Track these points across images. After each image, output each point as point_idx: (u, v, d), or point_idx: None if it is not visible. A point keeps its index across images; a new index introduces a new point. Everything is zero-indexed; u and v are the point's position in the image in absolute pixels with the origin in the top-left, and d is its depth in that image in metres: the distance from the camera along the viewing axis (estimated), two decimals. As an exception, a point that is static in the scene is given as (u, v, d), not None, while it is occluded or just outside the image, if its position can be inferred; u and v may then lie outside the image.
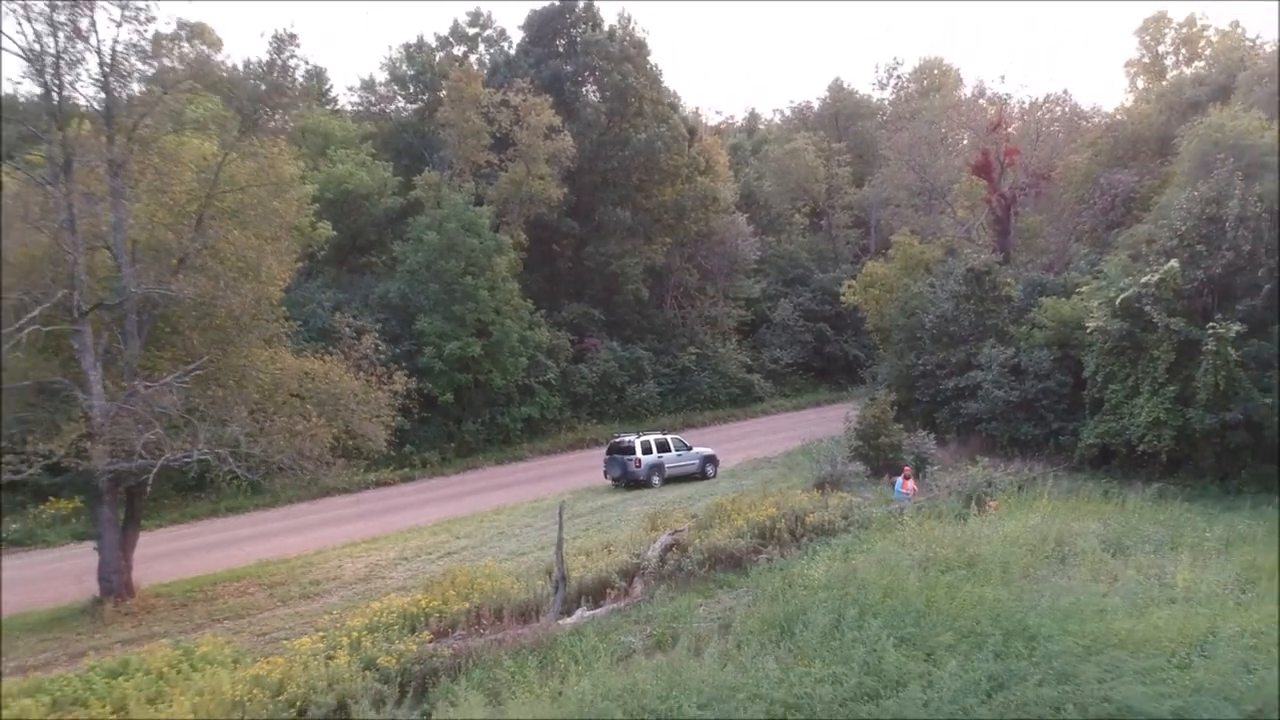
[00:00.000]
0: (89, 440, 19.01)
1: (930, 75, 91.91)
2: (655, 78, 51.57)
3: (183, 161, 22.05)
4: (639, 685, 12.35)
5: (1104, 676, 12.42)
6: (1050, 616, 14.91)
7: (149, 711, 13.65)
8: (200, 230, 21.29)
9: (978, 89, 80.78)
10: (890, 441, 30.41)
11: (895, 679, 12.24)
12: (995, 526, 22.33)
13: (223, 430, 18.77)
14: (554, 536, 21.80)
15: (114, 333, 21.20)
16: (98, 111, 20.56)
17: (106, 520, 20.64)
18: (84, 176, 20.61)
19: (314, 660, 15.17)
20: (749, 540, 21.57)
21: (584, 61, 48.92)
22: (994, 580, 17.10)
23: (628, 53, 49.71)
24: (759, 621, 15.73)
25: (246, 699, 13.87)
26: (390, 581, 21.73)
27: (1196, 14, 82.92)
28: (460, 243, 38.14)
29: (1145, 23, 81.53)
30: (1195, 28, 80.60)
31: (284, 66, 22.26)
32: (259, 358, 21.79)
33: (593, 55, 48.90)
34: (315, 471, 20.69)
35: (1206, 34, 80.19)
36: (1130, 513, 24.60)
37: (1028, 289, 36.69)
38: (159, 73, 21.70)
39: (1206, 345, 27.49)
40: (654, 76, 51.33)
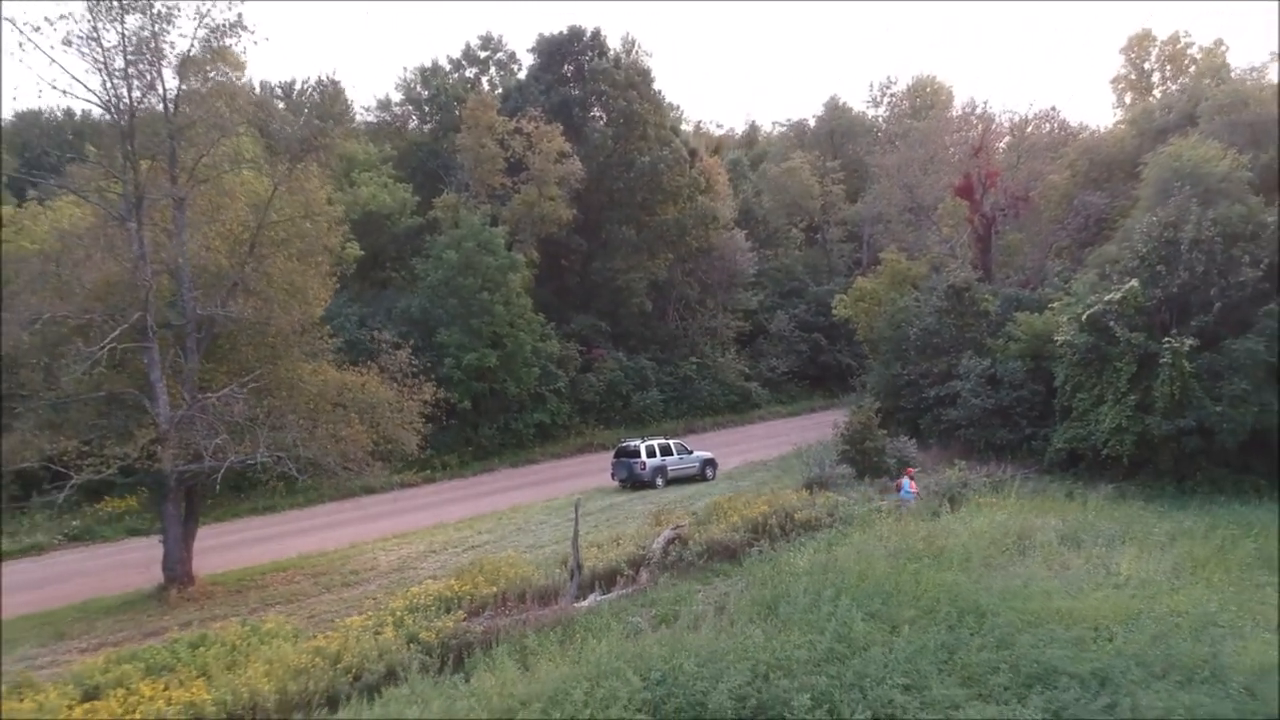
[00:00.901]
0: (158, 445, 21.15)
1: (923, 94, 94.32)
2: (658, 103, 53.72)
3: (235, 195, 24.25)
4: (646, 651, 14.43)
5: (1037, 644, 14.46)
6: (1000, 597, 16.97)
7: (227, 676, 15.72)
8: (252, 257, 23.43)
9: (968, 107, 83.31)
10: (875, 446, 32.41)
11: (861, 645, 14.31)
12: (964, 522, 24.39)
13: (281, 435, 20.86)
14: (567, 532, 23.92)
15: (176, 349, 23.27)
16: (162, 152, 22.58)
17: (171, 516, 22.72)
18: (150, 210, 22.76)
19: (364, 635, 17.24)
20: (743, 534, 23.57)
21: (591, 88, 51.00)
22: (956, 568, 19.16)
23: (632, 79, 51.84)
24: (749, 603, 17.80)
25: (310, 666, 15.93)
26: (422, 571, 23.77)
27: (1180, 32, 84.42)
28: (477, 261, 40.25)
29: (1130, 41, 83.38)
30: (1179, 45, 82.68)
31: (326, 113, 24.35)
32: (304, 370, 23.89)
33: (599, 82, 51.01)
34: (357, 472, 22.77)
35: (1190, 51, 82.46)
36: (1090, 511, 26.58)
37: (1004, 304, 38.74)
38: (189, 94, 23.29)
39: (1163, 358, 29.43)
40: (657, 102, 53.47)
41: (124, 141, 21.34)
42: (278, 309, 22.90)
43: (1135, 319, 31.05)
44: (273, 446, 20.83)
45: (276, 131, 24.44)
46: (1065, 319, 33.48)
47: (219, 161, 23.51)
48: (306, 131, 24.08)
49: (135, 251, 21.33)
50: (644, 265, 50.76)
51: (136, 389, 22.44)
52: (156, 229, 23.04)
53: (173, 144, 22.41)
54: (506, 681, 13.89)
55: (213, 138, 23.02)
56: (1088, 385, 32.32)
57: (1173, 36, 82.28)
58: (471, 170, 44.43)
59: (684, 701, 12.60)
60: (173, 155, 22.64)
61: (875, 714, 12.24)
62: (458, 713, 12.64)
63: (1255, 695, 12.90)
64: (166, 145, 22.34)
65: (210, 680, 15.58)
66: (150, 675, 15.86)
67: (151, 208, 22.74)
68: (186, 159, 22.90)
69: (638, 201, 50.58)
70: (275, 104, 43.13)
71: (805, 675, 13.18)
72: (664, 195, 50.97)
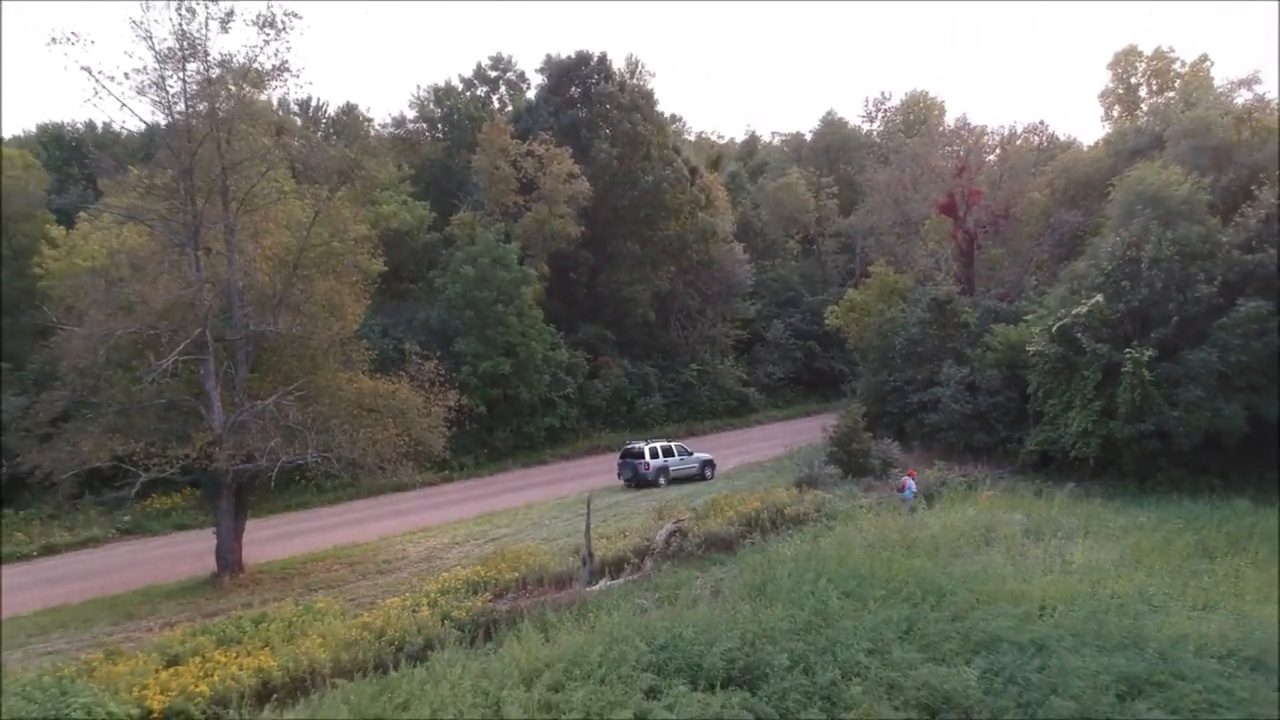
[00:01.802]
0: (214, 446, 23.28)
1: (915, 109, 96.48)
2: (661, 124, 55.83)
3: (278, 221, 26.39)
4: (651, 623, 16.53)
5: (986, 618, 16.52)
6: (960, 580, 19.05)
7: (288, 646, 17.83)
8: (295, 277, 25.56)
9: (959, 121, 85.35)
10: (860, 448, 34.46)
11: (835, 618, 16.39)
12: (938, 517, 26.47)
13: (327, 438, 22.99)
14: (578, 526, 26.05)
15: (226, 361, 25.38)
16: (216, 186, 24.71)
17: (224, 510, 24.87)
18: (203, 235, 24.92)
19: (403, 614, 19.36)
20: (738, 528, 25.69)
21: (597, 110, 53.05)
22: (924, 556, 21.22)
23: (636, 102, 53.96)
24: (741, 585, 19.89)
25: (358, 639, 18.06)
26: (448, 560, 25.85)
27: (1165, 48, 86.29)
28: (492, 275, 42.36)
29: (1117, 56, 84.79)
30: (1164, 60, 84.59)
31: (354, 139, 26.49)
32: (341, 379, 26.00)
33: (605, 105, 53.09)
34: (391, 471, 24.88)
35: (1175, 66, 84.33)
36: (1054, 507, 28.64)
37: (983, 316, 40.80)
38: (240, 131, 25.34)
39: (1126, 367, 31.48)
40: (660, 123, 55.59)
41: (185, 177, 23.45)
42: (319, 324, 25.03)
43: (1101, 331, 33.11)
44: (319, 448, 22.94)
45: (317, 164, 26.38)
46: (1038, 330, 35.56)
47: (264, 191, 25.62)
48: (343, 164, 26.13)
49: (195, 275, 23.46)
50: (647, 278, 52.72)
51: (192, 397, 24.63)
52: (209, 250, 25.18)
53: (225, 178, 24.55)
54: (532, 648, 15.99)
55: (259, 171, 25.19)
56: (1058, 392, 34.40)
57: (1158, 52, 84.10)
58: (487, 190, 46.57)
59: (683, 662, 14.69)
60: (224, 188, 24.78)
61: (843, 672, 14.30)
62: (493, 672, 14.71)
63: (1165, 659, 14.93)
64: (220, 180, 24.48)
65: (273, 650, 17.73)
66: (221, 646, 18.02)
67: (205, 233, 24.89)
68: (236, 190, 25.05)
69: (641, 218, 52.58)
70: (294, 120, 45.02)
71: (786, 642, 15.27)
72: (666, 212, 52.98)
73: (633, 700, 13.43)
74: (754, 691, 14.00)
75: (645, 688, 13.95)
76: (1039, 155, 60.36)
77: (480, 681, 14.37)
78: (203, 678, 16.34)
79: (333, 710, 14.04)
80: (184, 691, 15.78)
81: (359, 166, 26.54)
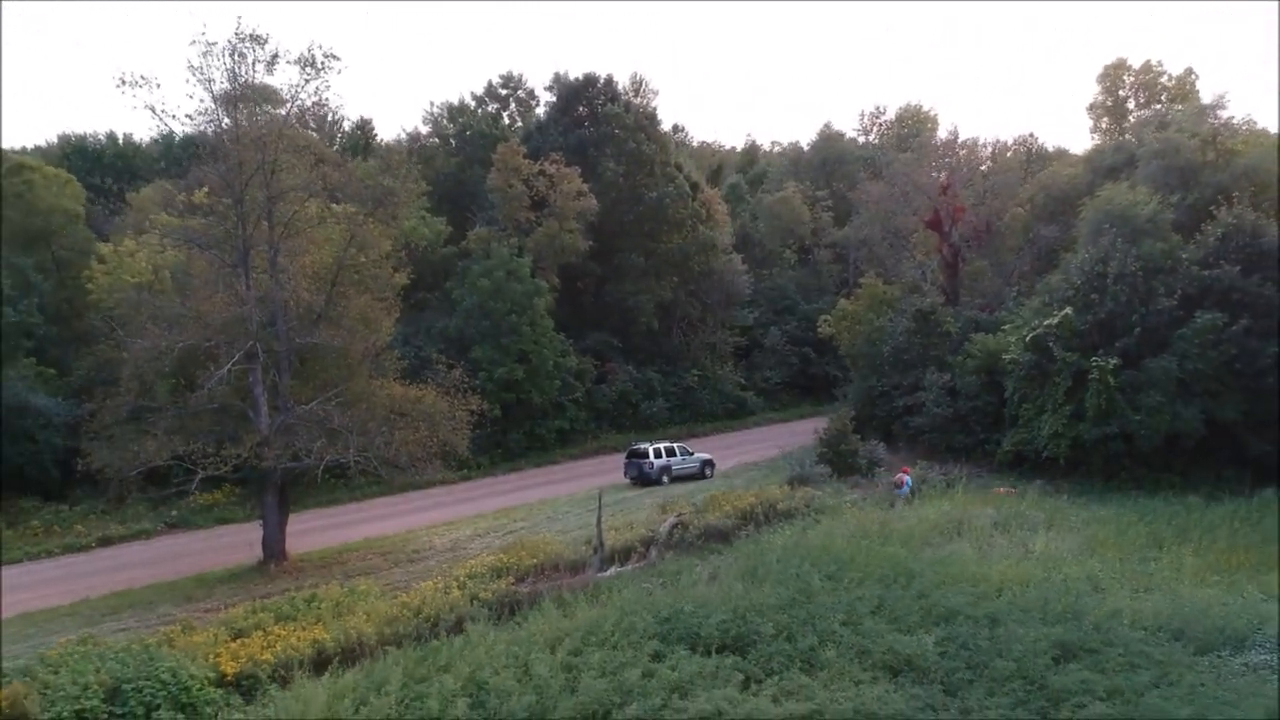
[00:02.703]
0: (263, 447, 25.46)
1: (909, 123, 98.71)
2: (664, 143, 58.00)
3: (319, 243, 28.59)
4: (656, 600, 18.71)
5: (948, 596, 18.64)
6: (928, 565, 21.18)
7: (338, 622, 19.98)
8: (333, 294, 27.76)
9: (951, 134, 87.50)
10: (849, 449, 36.51)
11: (816, 595, 18.53)
12: (916, 511, 28.57)
13: (367, 439, 25.17)
14: (589, 520, 28.18)
15: (272, 370, 27.54)
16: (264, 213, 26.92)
17: (270, 504, 27.07)
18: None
19: (436, 595, 21.51)
20: (734, 521, 27.79)
21: (604, 131, 55.19)
22: (898, 544, 23.34)
23: (641, 123, 56.13)
24: (736, 570, 22.02)
25: (398, 616, 20.22)
26: (471, 550, 27.98)
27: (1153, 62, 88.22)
28: (506, 287, 44.54)
29: (1105, 69, 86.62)
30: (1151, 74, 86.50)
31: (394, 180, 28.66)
32: (374, 386, 28.17)
33: (611, 125, 55.27)
34: (421, 470, 27.06)
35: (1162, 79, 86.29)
36: (1024, 503, 30.73)
37: (964, 326, 42.89)
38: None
39: (1092, 374, 33.55)
40: (663, 142, 57.76)
41: (237, 206, 25.67)
42: (355, 337, 27.23)
43: (1070, 341, 35.16)
44: (359, 448, 25.14)
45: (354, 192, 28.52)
46: (1014, 340, 37.65)
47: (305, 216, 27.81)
48: (377, 192, 28.30)
49: (246, 293, 25.67)
50: (651, 288, 54.74)
51: (241, 402, 26.83)
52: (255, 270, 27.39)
53: (270, 206, 26.76)
54: (553, 621, 18.18)
55: (301, 198, 27.39)
56: (1031, 397, 36.48)
57: (1145, 66, 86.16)
58: (501, 206, 48.74)
59: (684, 632, 16.83)
60: (270, 214, 26.99)
61: (821, 640, 16.42)
62: (520, 640, 16.88)
63: (1099, 630, 17.06)
64: (266, 206, 26.68)
65: (325, 625, 19.90)
66: (279, 622, 20.19)
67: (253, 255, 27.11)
68: (280, 215, 27.24)
69: (645, 231, 54.67)
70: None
71: (772, 615, 17.41)
72: (669, 226, 55.08)
73: (641, 661, 15.60)
74: (744, 655, 16.15)
75: (651, 652, 16.11)
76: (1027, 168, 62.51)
77: (511, 648, 16.55)
78: (266, 648, 18.52)
79: (386, 672, 16.19)
80: (251, 659, 17.96)
81: (391, 194, 28.55)
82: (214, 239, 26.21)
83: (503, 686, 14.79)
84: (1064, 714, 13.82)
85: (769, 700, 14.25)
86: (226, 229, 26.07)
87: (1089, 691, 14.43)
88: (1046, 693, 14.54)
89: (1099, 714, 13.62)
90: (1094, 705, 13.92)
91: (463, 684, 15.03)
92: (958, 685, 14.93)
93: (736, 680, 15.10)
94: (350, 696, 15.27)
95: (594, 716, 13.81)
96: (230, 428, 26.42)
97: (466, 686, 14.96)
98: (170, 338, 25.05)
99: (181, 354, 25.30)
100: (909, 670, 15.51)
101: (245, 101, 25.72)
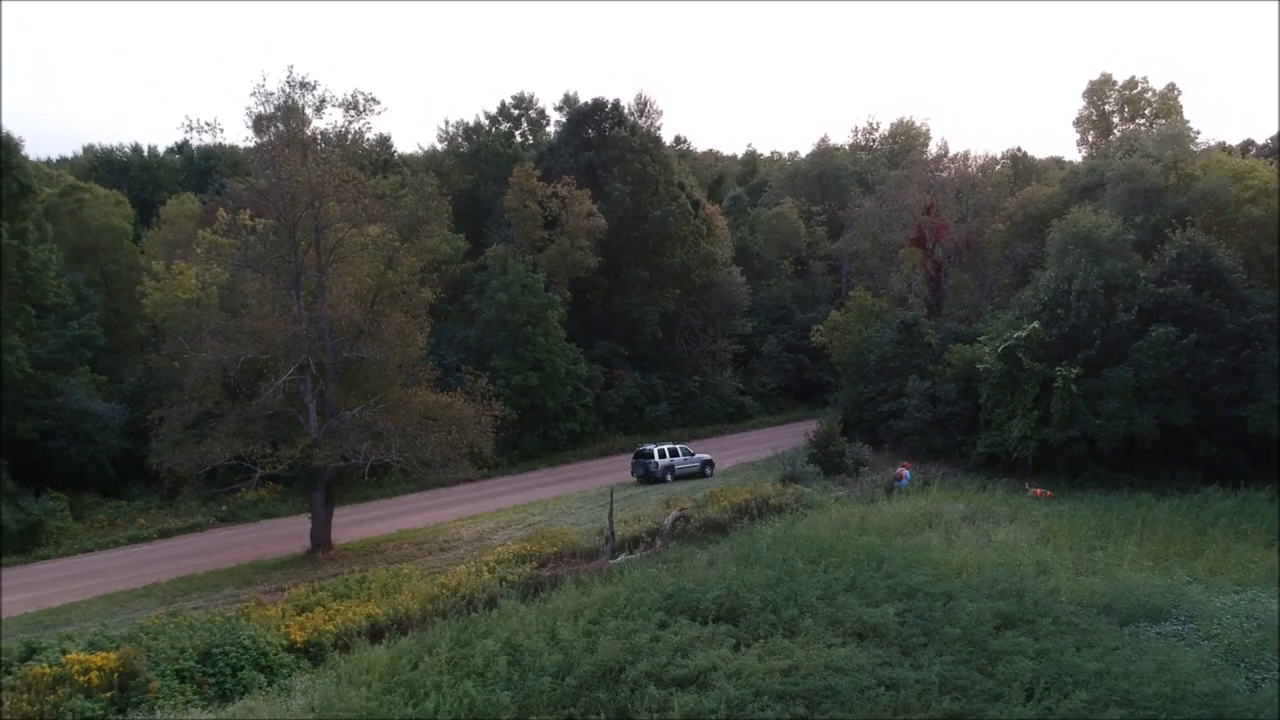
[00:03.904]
0: (313, 448, 28.15)
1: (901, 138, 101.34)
2: (668, 164, 60.65)
3: (360, 266, 31.29)
4: (662, 580, 21.38)
5: (911, 576, 21.25)
6: (898, 551, 23.79)
7: (387, 600, 22.66)
8: (373, 312, 30.45)
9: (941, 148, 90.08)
10: (836, 450, 39.10)
11: (798, 575, 21.16)
12: (893, 506, 31.17)
13: (407, 441, 27.86)
14: (599, 514, 30.83)
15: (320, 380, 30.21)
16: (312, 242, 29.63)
17: (318, 499, 29.78)
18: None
19: (470, 577, 24.20)
20: (731, 514, 30.43)
21: (612, 153, 57.88)
22: (874, 534, 25.96)
23: (646, 146, 58.82)
24: (731, 556, 24.66)
25: (438, 595, 22.90)
26: (495, 541, 30.62)
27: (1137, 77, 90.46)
28: (522, 301, 47.21)
29: (1091, 86, 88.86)
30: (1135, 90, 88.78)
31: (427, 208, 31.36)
32: (408, 394, 30.83)
33: (619, 148, 57.96)
34: (454, 468, 29.73)
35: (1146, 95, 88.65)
36: (993, 499, 33.29)
37: (944, 337, 45.46)
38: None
39: (1057, 383, 36.12)
40: (667, 163, 60.41)
41: (290, 234, 28.39)
42: (393, 350, 29.92)
43: (1038, 351, 37.69)
44: (400, 449, 27.84)
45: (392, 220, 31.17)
46: (988, 350, 40.20)
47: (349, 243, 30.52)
48: (413, 220, 31.00)
49: (299, 312, 28.39)
50: (655, 300, 57.34)
51: (292, 408, 29.54)
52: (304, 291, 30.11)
53: (318, 235, 29.47)
54: (573, 597, 20.83)
55: (345, 227, 30.08)
56: (1003, 403, 38.97)
57: (1129, 81, 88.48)
58: (517, 226, 51.45)
59: (685, 605, 19.48)
60: (319, 241, 29.70)
61: (800, 611, 19.03)
62: (547, 612, 19.54)
63: (1038, 604, 19.66)
64: (314, 236, 29.40)
65: (376, 602, 22.59)
66: (336, 599, 22.90)
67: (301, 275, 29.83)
68: (326, 242, 29.93)
69: (650, 247, 57.26)
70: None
71: (760, 591, 20.05)
72: (672, 242, 57.69)
73: (649, 628, 18.25)
74: (736, 624, 18.79)
75: (658, 621, 18.76)
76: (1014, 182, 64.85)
77: (539, 618, 19.22)
78: (328, 620, 21.24)
79: (435, 638, 18.87)
80: (316, 629, 20.68)
81: (424, 222, 31.24)
82: (268, 263, 28.87)
83: (534, 647, 17.44)
84: (998, 670, 16.40)
85: (755, 659, 16.86)
86: (281, 255, 28.76)
87: (1021, 652, 17.00)
88: (986, 653, 17.14)
89: (1025, 668, 16.21)
90: (1023, 662, 16.49)
91: (501, 646, 17.67)
92: (913, 647, 17.54)
93: (729, 643, 17.73)
94: (407, 656, 17.94)
95: (611, 670, 16.42)
96: (283, 431, 29.11)
97: (504, 648, 17.59)
98: (231, 351, 27.74)
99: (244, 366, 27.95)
100: (873, 636, 18.13)
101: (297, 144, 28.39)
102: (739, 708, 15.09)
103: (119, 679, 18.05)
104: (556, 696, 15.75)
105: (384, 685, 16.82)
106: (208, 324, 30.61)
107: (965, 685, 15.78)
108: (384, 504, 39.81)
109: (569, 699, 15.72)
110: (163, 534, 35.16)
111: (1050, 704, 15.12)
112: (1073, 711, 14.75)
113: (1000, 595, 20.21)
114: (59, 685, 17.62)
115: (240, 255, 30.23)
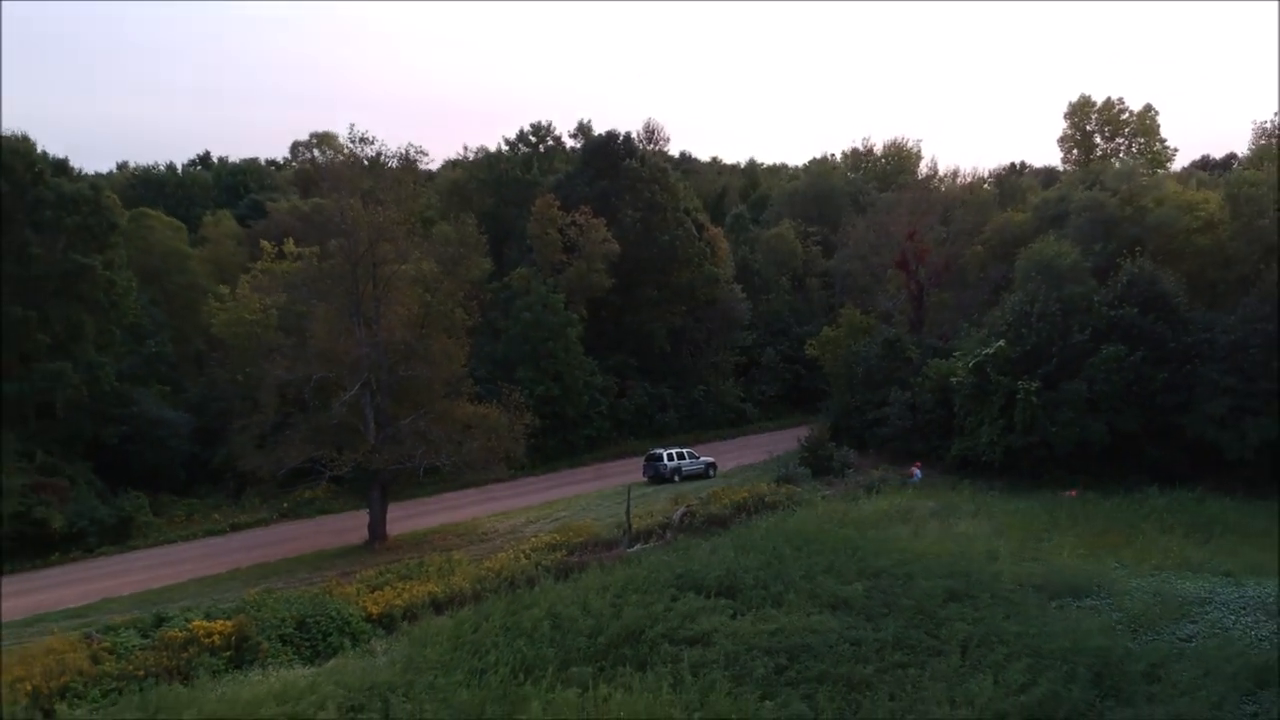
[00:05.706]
0: (373, 453, 31.87)
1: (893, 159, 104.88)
2: (675, 191, 64.39)
3: (410, 295, 35.03)
4: (672, 564, 25.07)
5: (879, 559, 24.86)
6: (871, 541, 27.37)
7: (443, 580, 26.30)
8: (422, 334, 34.17)
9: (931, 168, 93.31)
10: (826, 453, 42.61)
11: (785, 560, 24.81)
12: (873, 504, 34.71)
13: (455, 447, 31.58)
14: (615, 510, 34.44)
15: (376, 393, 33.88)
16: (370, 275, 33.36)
17: (375, 497, 33.53)
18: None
19: (510, 562, 27.86)
20: (731, 510, 33.95)
21: (624, 183, 61.58)
22: (852, 527, 29.54)
23: (655, 175, 62.57)
24: (731, 545, 28.25)
25: (485, 576, 26.56)
26: (528, 533, 34.19)
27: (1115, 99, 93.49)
28: (544, 319, 50.93)
29: (1072, 107, 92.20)
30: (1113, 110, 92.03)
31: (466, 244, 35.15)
32: (451, 406, 34.50)
33: (630, 178, 61.68)
34: (492, 471, 33.42)
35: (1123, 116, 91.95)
36: (962, 497, 36.74)
37: (924, 352, 48.96)
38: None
39: (1020, 394, 39.59)
40: (674, 191, 64.14)
41: (353, 268, 32.17)
42: (439, 369, 33.64)
43: (1004, 367, 41.09)
44: (449, 454, 31.57)
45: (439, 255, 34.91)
46: (961, 365, 43.70)
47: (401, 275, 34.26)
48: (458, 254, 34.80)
49: (360, 335, 32.16)
50: (664, 316, 60.98)
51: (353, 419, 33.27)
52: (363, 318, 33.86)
53: (375, 268, 33.22)
54: (599, 578, 24.50)
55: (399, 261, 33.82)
56: (974, 412, 42.41)
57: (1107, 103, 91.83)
58: (538, 251, 55.23)
59: (692, 582, 23.15)
60: (374, 273, 33.43)
61: (785, 588, 22.67)
62: (580, 590, 23.23)
63: (981, 583, 23.24)
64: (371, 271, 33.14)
65: (434, 582, 26.27)
66: (401, 580, 26.57)
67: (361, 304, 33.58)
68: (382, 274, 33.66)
69: (659, 268, 60.83)
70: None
71: (754, 572, 23.72)
72: (679, 263, 61.26)
73: (663, 600, 21.93)
74: (733, 598, 22.46)
75: (670, 595, 22.44)
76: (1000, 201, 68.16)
77: (574, 593, 22.90)
78: (396, 596, 24.93)
79: (489, 609, 22.59)
80: (388, 604, 24.38)
81: (465, 257, 35.01)
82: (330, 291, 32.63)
83: (571, 615, 21.12)
84: (941, 632, 20.01)
85: (749, 623, 20.52)
86: (345, 288, 32.52)
87: (962, 619, 20.64)
88: (933, 620, 20.78)
89: (963, 631, 19.83)
90: (962, 626, 20.11)
91: (544, 614, 21.35)
92: (875, 615, 21.17)
93: (728, 612, 21.41)
94: (468, 623, 21.64)
95: (634, 632, 20.08)
96: (346, 438, 32.84)
97: (547, 615, 21.27)
98: (301, 370, 31.47)
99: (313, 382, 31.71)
100: (844, 606, 21.75)
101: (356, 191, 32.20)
102: (735, 659, 18.75)
103: (235, 641, 21.76)
104: (591, 652, 19.42)
105: (451, 644, 20.50)
106: (276, 345, 34.39)
107: (914, 643, 19.42)
108: (425, 501, 43.40)
109: (600, 654, 19.41)
110: (234, 528, 38.89)
111: (978, 658, 18.74)
112: (994, 663, 18.36)
113: (950, 575, 23.77)
114: (189, 645, 21.33)
115: (307, 285, 33.87)
